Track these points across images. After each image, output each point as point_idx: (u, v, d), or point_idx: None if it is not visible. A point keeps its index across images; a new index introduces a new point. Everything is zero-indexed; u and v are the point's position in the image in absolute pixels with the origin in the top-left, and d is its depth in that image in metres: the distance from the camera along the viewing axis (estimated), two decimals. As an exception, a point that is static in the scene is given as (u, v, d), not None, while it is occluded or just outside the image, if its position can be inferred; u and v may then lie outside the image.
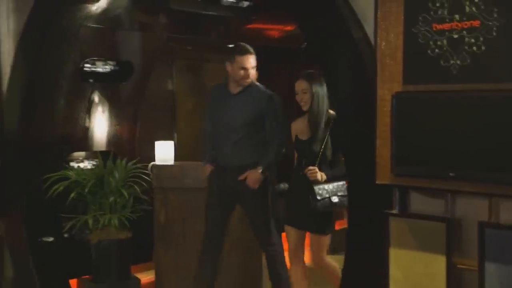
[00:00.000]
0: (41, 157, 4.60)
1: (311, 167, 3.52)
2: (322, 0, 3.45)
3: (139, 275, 4.82)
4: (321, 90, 3.61)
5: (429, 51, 2.93)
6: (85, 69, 5.41)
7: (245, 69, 3.73)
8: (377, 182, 3.12)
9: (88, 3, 4.44)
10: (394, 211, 3.18)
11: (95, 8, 4.55)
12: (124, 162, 4.64)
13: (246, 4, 6.19)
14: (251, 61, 3.74)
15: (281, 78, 5.95)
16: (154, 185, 4.51)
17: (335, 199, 3.53)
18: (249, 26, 6.62)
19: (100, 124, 5.61)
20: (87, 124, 5.47)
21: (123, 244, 4.54)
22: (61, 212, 4.63)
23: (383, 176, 3.09)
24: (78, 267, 4.76)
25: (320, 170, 3.53)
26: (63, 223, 4.70)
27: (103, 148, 5.56)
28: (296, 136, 3.73)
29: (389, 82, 3.06)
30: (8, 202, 4.49)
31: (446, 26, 2.87)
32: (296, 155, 3.76)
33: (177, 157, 4.63)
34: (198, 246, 3.90)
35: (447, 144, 2.85)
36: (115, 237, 4.50)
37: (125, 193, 4.47)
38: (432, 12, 2.92)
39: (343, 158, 3.64)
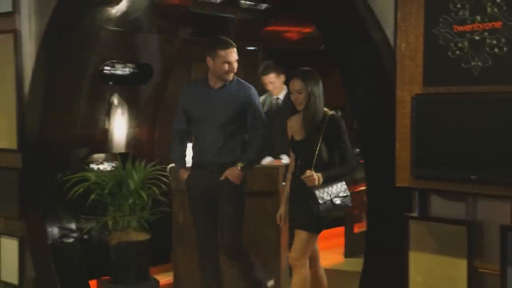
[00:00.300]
0: (62, 159, 4.65)
1: (307, 173, 3.37)
2: (341, 1, 3.44)
3: (157, 277, 4.84)
4: (317, 89, 3.47)
5: (449, 53, 2.90)
6: (104, 71, 5.45)
7: (229, 63, 3.62)
8: (396, 184, 3.09)
9: (108, 6, 4.48)
10: (414, 214, 3.15)
11: (115, 11, 4.59)
12: (143, 164, 4.67)
13: (264, 6, 6.18)
14: (234, 54, 3.64)
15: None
16: (172, 187, 4.52)
17: (337, 200, 3.44)
18: (267, 28, 6.62)
19: (119, 126, 5.64)
20: (106, 126, 5.51)
21: (142, 245, 4.57)
22: (81, 213, 4.68)
23: (403, 178, 3.06)
24: (97, 268, 4.80)
25: (316, 171, 3.39)
26: (83, 224, 4.75)
27: (122, 150, 5.59)
28: (291, 136, 3.60)
29: (409, 84, 3.03)
30: (29, 203, 4.54)
31: (467, 27, 2.84)
32: (292, 155, 3.65)
33: (195, 159, 4.64)
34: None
35: (468, 146, 2.82)
36: (134, 239, 4.53)
37: (144, 195, 4.50)
38: (453, 14, 2.89)
39: (356, 157, 3.56)
